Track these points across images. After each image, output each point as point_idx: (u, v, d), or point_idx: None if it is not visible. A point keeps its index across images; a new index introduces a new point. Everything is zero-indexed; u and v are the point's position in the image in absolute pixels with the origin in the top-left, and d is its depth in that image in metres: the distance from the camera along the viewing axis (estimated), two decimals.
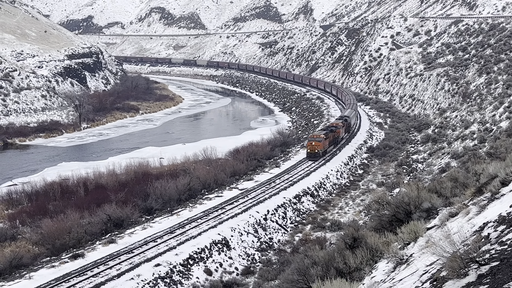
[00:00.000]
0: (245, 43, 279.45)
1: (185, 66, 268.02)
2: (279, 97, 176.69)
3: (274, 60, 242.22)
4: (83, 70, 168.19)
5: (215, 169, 70.80)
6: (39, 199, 63.29)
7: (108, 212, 53.10)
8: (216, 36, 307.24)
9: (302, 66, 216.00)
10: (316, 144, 77.34)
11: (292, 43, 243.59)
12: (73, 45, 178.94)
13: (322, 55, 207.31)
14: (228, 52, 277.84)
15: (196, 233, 48.69)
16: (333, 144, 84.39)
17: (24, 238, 50.71)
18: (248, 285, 42.98)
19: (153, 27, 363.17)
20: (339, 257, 19.59)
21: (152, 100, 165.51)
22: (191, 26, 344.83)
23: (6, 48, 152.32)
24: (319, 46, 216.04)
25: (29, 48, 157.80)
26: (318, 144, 77.31)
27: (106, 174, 71.56)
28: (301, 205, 63.40)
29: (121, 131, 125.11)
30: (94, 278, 38.67)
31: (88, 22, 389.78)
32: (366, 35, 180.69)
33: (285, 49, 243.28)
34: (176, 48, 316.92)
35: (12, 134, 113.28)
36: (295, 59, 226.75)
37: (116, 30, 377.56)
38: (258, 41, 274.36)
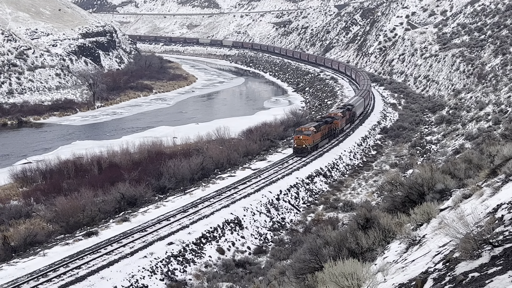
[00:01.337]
0: (259, 23, 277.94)
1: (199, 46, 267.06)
2: (292, 77, 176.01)
3: (288, 40, 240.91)
4: (97, 49, 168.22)
5: (228, 149, 70.89)
6: (53, 177, 63.75)
7: (122, 190, 53.41)
8: (230, 16, 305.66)
9: (316, 46, 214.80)
10: (304, 138, 68.14)
11: (306, 22, 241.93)
12: (87, 23, 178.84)
13: (336, 35, 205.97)
14: (242, 31, 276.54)
15: (208, 212, 48.91)
16: (327, 137, 75.88)
17: (39, 215, 51.16)
18: (260, 264, 43.19)
19: (167, 6, 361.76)
20: (352, 237, 19.60)
21: (165, 80, 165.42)
22: (205, 5, 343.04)
23: (21, 26, 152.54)
24: (333, 26, 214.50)
25: (43, 27, 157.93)
26: (306, 138, 68.13)
27: (119, 153, 71.87)
28: (314, 186, 63.41)
29: (134, 110, 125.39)
30: (107, 256, 39.01)
31: (102, 1, 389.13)
32: (381, 15, 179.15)
33: (299, 29, 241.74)
34: (189, 27, 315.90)
35: (27, 112, 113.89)
36: (309, 39, 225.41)
37: (130, 9, 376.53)
38: (272, 21, 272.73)
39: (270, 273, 34.08)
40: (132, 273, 37.83)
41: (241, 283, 38.74)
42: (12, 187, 63.38)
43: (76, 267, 36.95)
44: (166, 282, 38.66)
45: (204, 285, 39.09)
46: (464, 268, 9.70)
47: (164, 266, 39.99)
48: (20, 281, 34.61)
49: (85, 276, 35.82)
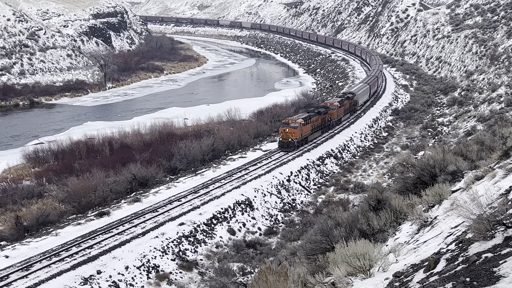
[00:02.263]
0: (270, 3, 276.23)
1: (209, 26, 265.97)
2: (303, 59, 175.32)
3: (299, 21, 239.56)
4: (108, 29, 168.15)
5: (239, 130, 70.91)
6: (65, 158, 64.07)
7: (133, 171, 53.63)
8: None
9: (327, 27, 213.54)
10: (290, 131, 61.37)
11: (317, 3, 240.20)
12: (98, 4, 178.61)
13: (348, 16, 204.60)
14: (253, 12, 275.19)
15: (219, 193, 49.05)
16: (320, 129, 69.26)
17: (51, 195, 51.50)
18: (271, 245, 43.36)
19: None
20: (363, 218, 19.62)
21: (176, 61, 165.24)
22: None
23: (32, 7, 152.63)
24: (345, 6, 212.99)
25: (54, 7, 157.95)
26: (293, 131, 61.35)
27: (131, 134, 72.08)
28: (325, 167, 63.38)
29: (145, 91, 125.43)
30: (119, 236, 39.27)
31: None
32: None
33: (310, 10, 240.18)
34: (200, 8, 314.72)
35: (38, 93, 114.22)
36: (321, 20, 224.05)
37: None
38: (283, 1, 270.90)
39: (281, 254, 34.18)
40: (143, 253, 38.09)
41: (252, 264, 38.94)
42: (24, 168, 63.77)
43: (88, 247, 37.25)
44: (177, 262, 38.91)
45: (215, 265, 39.32)
46: (477, 249, 9.69)
47: (176, 246, 40.23)
48: (33, 261, 34.95)
49: (97, 256, 36.12)
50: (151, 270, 37.15)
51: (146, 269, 37.00)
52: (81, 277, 33.77)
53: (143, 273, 36.60)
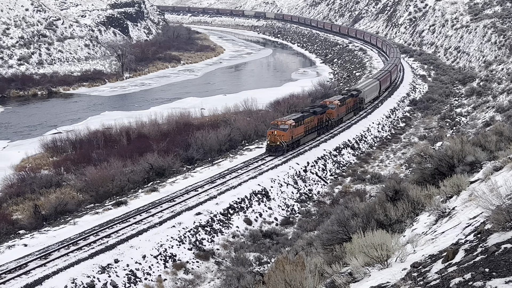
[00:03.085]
0: None
1: (227, 16, 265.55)
2: (321, 48, 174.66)
3: (316, 10, 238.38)
4: (125, 19, 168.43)
5: (255, 121, 70.88)
6: (83, 147, 64.46)
7: (150, 161, 53.86)
8: None
9: (345, 16, 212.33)
10: (279, 134, 55.82)
11: None
12: None
13: (365, 5, 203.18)
14: (270, 2, 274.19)
15: (236, 183, 49.11)
16: (316, 130, 63.59)
17: (69, 185, 51.89)
18: (288, 235, 43.39)
19: None
20: (380, 209, 19.53)
21: (193, 51, 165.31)
22: None
23: None
24: None
25: None
26: (282, 134, 55.83)
27: (148, 124, 72.34)
28: (341, 158, 63.23)
29: (162, 81, 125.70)
30: (136, 225, 39.49)
31: None
32: None
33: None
34: None
35: (56, 82, 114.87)
36: (338, 10, 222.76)
37: None
38: None
39: (298, 244, 34.22)
40: (160, 242, 38.29)
41: (268, 254, 39.01)
42: (42, 157, 64.25)
43: (106, 236, 37.50)
44: (194, 252, 39.08)
45: (231, 255, 39.44)
46: (496, 240, 9.61)
47: (192, 236, 40.40)
48: (51, 249, 35.25)
49: (114, 245, 36.35)
50: (168, 259, 37.34)
51: (163, 258, 37.20)
52: (99, 265, 34.03)
53: (160, 262, 36.81)
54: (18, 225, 42.75)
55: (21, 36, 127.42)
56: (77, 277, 32.41)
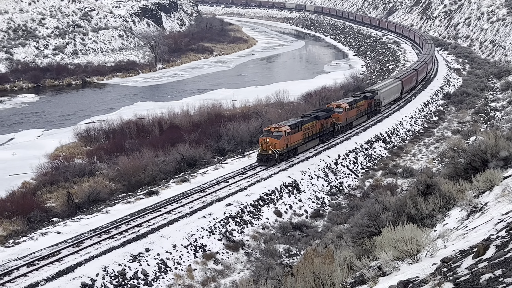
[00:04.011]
0: None
1: (260, 8, 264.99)
2: (354, 41, 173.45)
3: (350, 2, 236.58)
4: (159, 10, 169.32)
5: (287, 113, 70.74)
6: (115, 137, 65.15)
7: (182, 151, 54.20)
8: None
9: (378, 9, 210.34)
10: (272, 142, 49.84)
11: None
12: None
13: None
14: None
15: (266, 175, 49.16)
16: (318, 137, 57.39)
17: (102, 174, 52.52)
18: (317, 227, 43.35)
19: None
20: (411, 203, 19.43)
21: (226, 42, 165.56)
22: None
23: None
24: None
25: None
26: (274, 142, 49.87)
27: (180, 115, 72.74)
28: (373, 151, 62.87)
29: (195, 73, 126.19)
30: (167, 215, 39.82)
31: None
32: None
33: None
34: None
35: (91, 73, 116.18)
36: (372, 2, 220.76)
37: None
38: None
39: (327, 237, 34.20)
40: (191, 232, 38.56)
41: (298, 246, 39.04)
42: (76, 146, 65.13)
43: (137, 225, 37.89)
44: (224, 242, 39.29)
45: (261, 246, 39.56)
46: None
47: (222, 227, 40.60)
48: (84, 237, 35.75)
49: (145, 234, 36.73)
50: (198, 249, 37.61)
51: (193, 248, 37.48)
52: (130, 254, 34.43)
53: (190, 252, 37.09)
54: (51, 212, 43.45)
55: (57, 27, 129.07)
56: (109, 265, 32.85)
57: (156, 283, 33.44)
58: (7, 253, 34.10)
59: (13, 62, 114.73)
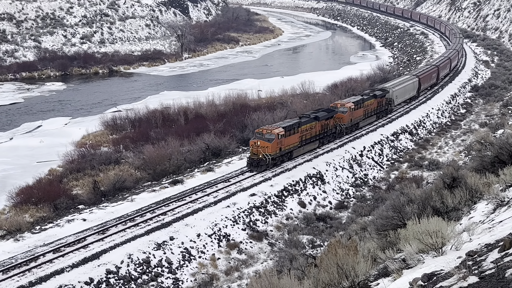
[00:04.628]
0: None
1: None
2: (381, 32, 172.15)
3: None
4: (185, 0, 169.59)
5: (312, 103, 70.51)
6: (141, 126, 65.57)
7: (207, 141, 54.38)
8: None
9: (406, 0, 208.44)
10: (263, 145, 45.81)
11: None
12: None
13: None
14: None
15: (291, 166, 49.11)
16: (317, 139, 53.11)
17: (127, 162, 52.93)
18: (341, 219, 43.26)
19: None
20: (437, 196, 19.28)
21: (252, 32, 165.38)
22: None
23: None
24: None
25: None
26: (266, 145, 45.78)
27: (205, 104, 72.92)
28: (399, 143, 62.45)
29: (221, 62, 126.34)
30: (192, 204, 40.03)
31: None
32: None
33: None
34: None
35: (117, 61, 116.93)
36: None
37: None
38: None
39: (351, 228, 34.14)
40: (215, 221, 38.73)
41: (322, 237, 39.00)
42: (102, 134, 65.70)
43: (162, 214, 38.16)
44: (248, 232, 39.40)
45: (284, 236, 39.60)
46: None
47: (246, 217, 40.71)
48: (109, 225, 36.12)
49: (170, 223, 36.98)
50: (222, 238, 37.77)
51: (217, 237, 37.65)
52: (155, 242, 34.70)
53: (214, 241, 37.27)
54: (77, 200, 43.95)
55: (84, 15, 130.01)
56: (133, 253, 33.15)
57: (180, 271, 33.68)
58: (33, 239, 34.58)
59: (41, 50, 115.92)
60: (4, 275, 29.02)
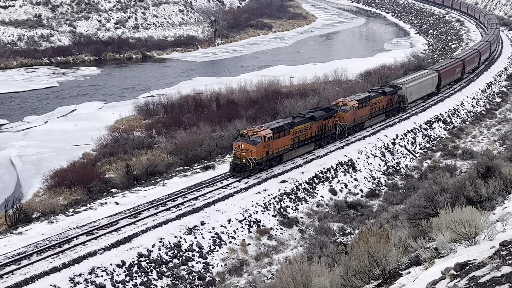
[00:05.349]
0: None
1: None
2: (415, 19, 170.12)
3: None
4: None
5: (344, 91, 70.13)
6: (174, 111, 65.96)
7: (239, 127, 54.42)
8: None
9: None
10: (247, 149, 41.47)
11: None
12: None
13: None
14: None
15: (322, 153, 48.96)
16: (313, 141, 48.39)
17: (159, 147, 53.36)
18: (373, 207, 43.05)
19: None
20: (470, 185, 19.06)
21: (285, 18, 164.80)
22: None
23: None
24: None
25: None
26: (251, 148, 41.43)
27: (237, 90, 73.04)
28: (432, 132, 61.78)
29: (253, 49, 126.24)
30: (223, 190, 40.18)
31: None
32: None
33: None
34: None
35: (151, 47, 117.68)
36: None
37: None
38: None
39: (382, 217, 33.94)
40: (245, 207, 38.85)
41: (352, 225, 38.89)
42: (135, 119, 66.29)
43: (193, 198, 38.39)
44: (278, 218, 39.46)
45: (315, 224, 39.56)
46: None
47: (277, 203, 40.75)
48: (141, 208, 36.49)
49: (201, 208, 37.20)
50: (252, 224, 37.90)
51: (247, 223, 37.78)
52: (186, 227, 34.97)
53: (245, 226, 37.41)
54: (110, 183, 44.50)
55: (119, 1, 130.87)
56: (165, 237, 33.46)
57: (211, 256, 33.91)
58: (67, 222, 35.13)
59: (76, 35, 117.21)
60: (38, 256, 29.56)
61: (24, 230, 34.08)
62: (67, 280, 28.24)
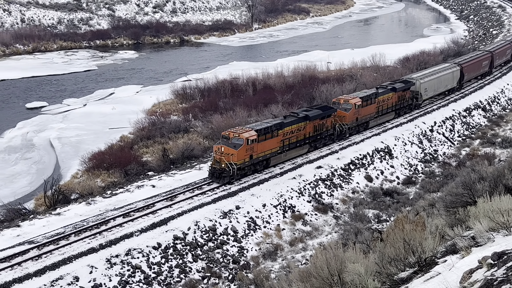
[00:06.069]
0: None
1: None
2: (456, 4, 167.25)
3: None
4: None
5: (382, 77, 69.46)
6: (210, 96, 66.19)
7: (275, 112, 54.36)
8: None
9: None
10: (227, 152, 37.59)
11: None
12: None
13: None
14: None
15: (358, 140, 48.68)
16: (306, 143, 44.33)
17: (196, 131, 53.65)
18: (409, 194, 42.68)
19: None
20: (510, 174, 18.77)
21: (323, 3, 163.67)
22: None
23: None
24: None
25: None
26: (231, 152, 37.54)
27: (274, 75, 72.89)
28: (471, 119, 60.87)
29: (290, 33, 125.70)
30: (258, 174, 40.23)
31: None
32: None
33: None
34: None
35: (188, 31, 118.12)
36: None
37: None
38: None
39: (419, 204, 33.63)
40: (280, 192, 38.89)
41: (388, 212, 38.64)
42: (172, 103, 66.70)
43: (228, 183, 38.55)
44: (313, 204, 39.42)
45: (350, 210, 39.42)
46: None
47: (312, 189, 40.70)
48: (177, 192, 36.79)
49: (236, 192, 37.34)
50: (287, 209, 37.94)
51: (282, 208, 37.84)
52: (221, 211, 35.18)
53: (279, 211, 37.48)
54: (147, 166, 44.94)
55: None
56: (200, 220, 33.72)
57: (245, 240, 34.09)
58: (104, 203, 35.64)
59: (115, 19, 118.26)
60: (76, 237, 30.10)
61: (63, 211, 34.70)
62: (104, 261, 28.70)
